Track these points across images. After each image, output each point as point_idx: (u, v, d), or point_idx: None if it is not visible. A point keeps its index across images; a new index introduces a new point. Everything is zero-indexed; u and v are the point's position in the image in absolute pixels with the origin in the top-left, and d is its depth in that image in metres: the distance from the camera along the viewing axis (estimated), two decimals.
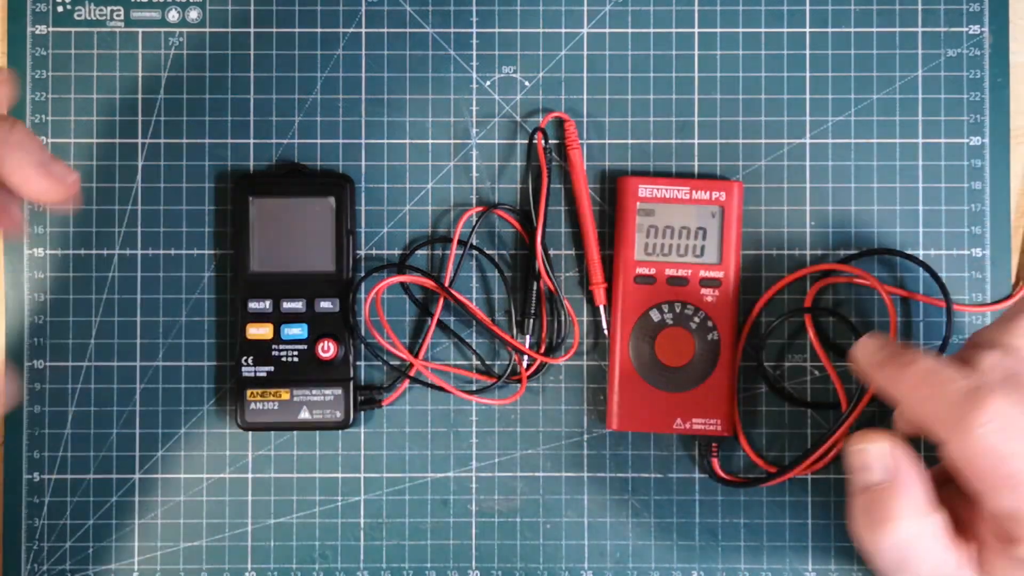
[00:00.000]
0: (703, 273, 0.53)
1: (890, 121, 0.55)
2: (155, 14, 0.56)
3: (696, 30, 0.56)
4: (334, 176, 0.55)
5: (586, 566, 0.55)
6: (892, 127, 0.55)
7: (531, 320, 0.54)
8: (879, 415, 0.55)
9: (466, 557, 0.55)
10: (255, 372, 0.54)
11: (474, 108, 0.56)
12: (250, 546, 0.55)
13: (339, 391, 0.54)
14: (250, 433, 0.55)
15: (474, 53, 0.56)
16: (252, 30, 0.56)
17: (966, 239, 0.55)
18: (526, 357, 0.55)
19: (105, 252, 0.55)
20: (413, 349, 0.55)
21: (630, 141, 0.56)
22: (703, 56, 0.56)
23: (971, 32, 0.55)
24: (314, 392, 0.54)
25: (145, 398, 0.55)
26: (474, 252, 0.55)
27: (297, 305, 0.54)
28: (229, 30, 0.56)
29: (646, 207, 0.54)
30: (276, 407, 0.54)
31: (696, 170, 0.55)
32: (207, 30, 0.56)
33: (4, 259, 0.55)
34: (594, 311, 0.55)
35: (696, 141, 0.55)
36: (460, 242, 0.55)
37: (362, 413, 0.55)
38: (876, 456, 0.45)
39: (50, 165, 0.41)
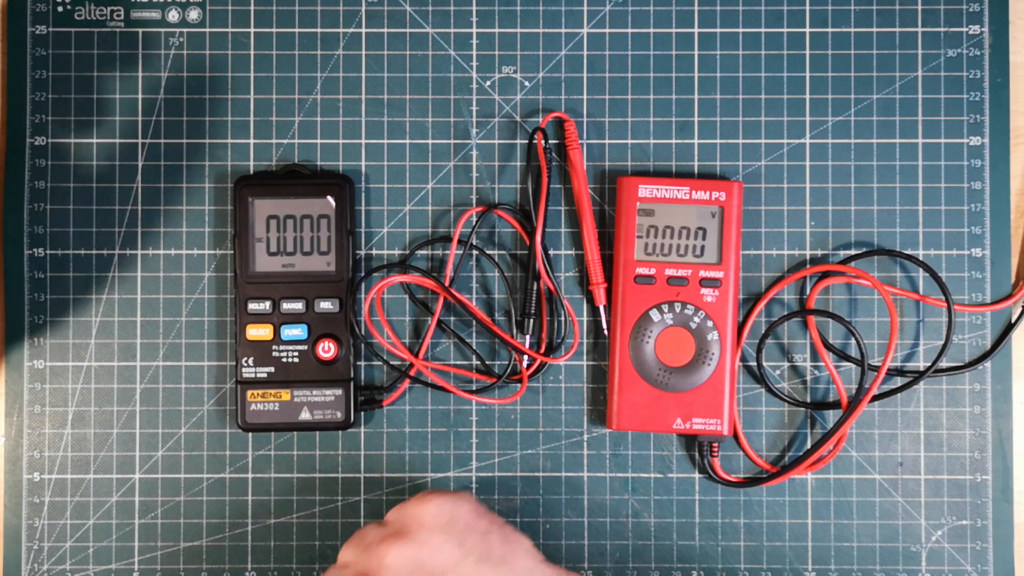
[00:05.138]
0: (703, 273, 0.53)
1: (890, 121, 0.55)
2: (155, 14, 0.56)
3: (696, 30, 0.56)
4: (334, 176, 0.55)
5: (586, 566, 0.55)
6: (892, 127, 0.55)
7: (531, 320, 0.54)
8: (879, 415, 0.55)
9: None
10: (255, 373, 0.54)
11: (474, 108, 0.56)
12: (250, 546, 0.55)
13: (339, 391, 0.54)
14: (250, 433, 0.55)
15: (474, 53, 0.56)
16: (252, 30, 0.56)
17: (966, 239, 0.55)
18: (526, 357, 0.55)
19: (105, 252, 0.55)
20: (413, 349, 0.55)
21: (630, 141, 0.56)
22: (703, 56, 0.56)
23: (971, 32, 0.55)
24: (315, 392, 0.54)
25: (145, 398, 0.55)
26: (474, 252, 0.55)
27: (297, 306, 0.54)
28: (229, 30, 0.56)
29: (646, 207, 0.54)
30: (276, 407, 0.54)
31: (696, 170, 0.55)
32: (207, 30, 0.56)
33: (4, 259, 0.55)
34: (594, 311, 0.55)
35: (696, 141, 0.55)
36: (460, 242, 0.55)
37: (362, 413, 0.55)
38: None
39: None
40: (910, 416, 0.55)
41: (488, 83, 0.56)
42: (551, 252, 0.55)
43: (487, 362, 0.55)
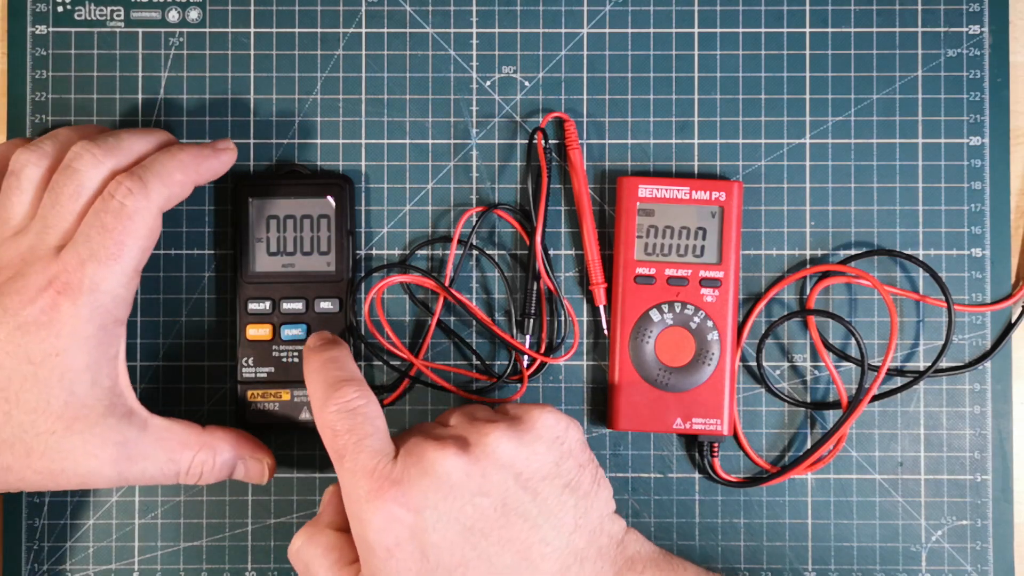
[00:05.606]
0: (703, 273, 0.53)
1: (890, 121, 0.55)
2: (155, 14, 0.56)
3: (696, 30, 0.56)
4: (333, 176, 0.55)
5: None
6: (892, 127, 0.55)
7: (531, 320, 0.54)
8: (879, 415, 0.55)
9: None
10: (255, 373, 0.54)
11: (474, 108, 0.56)
12: (250, 546, 0.55)
13: None
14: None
15: (474, 53, 0.56)
16: (252, 30, 0.56)
17: (966, 239, 0.55)
18: (526, 357, 0.55)
19: None
20: (413, 349, 0.55)
21: (630, 141, 0.56)
22: (703, 56, 0.56)
23: (971, 32, 0.55)
24: None
25: (145, 398, 0.55)
26: (474, 252, 0.55)
27: (297, 306, 0.54)
28: (229, 30, 0.56)
29: (646, 207, 0.54)
30: (276, 407, 0.54)
31: (696, 170, 0.55)
32: (207, 30, 0.56)
33: None
34: (594, 311, 0.55)
35: (696, 141, 0.55)
36: (460, 242, 0.55)
37: None
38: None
39: (199, 157, 0.49)
40: (910, 416, 0.55)
41: (488, 83, 0.56)
42: (551, 252, 0.55)
43: (487, 362, 0.55)
